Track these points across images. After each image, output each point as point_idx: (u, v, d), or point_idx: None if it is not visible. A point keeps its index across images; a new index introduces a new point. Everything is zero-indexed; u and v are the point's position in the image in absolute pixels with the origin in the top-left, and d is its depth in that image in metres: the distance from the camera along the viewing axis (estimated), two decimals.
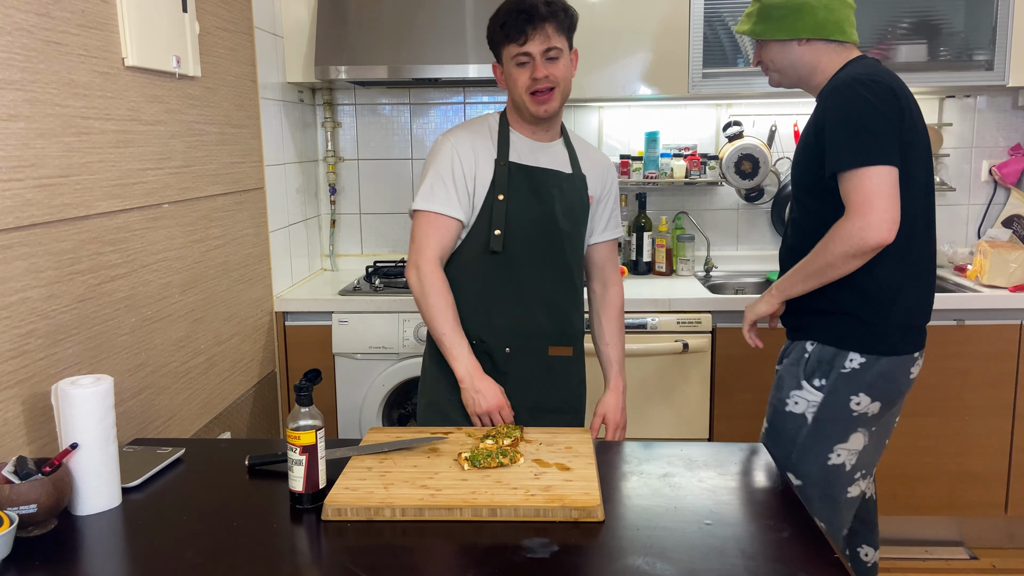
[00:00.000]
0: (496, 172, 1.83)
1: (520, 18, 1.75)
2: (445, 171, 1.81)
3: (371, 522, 1.31)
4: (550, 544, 1.23)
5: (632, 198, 3.30)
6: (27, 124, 1.51)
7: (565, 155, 1.92)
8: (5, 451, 1.45)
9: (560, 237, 1.86)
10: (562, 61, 1.80)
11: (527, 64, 1.78)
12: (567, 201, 1.88)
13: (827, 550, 1.22)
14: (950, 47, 2.84)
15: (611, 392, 1.99)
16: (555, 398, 1.94)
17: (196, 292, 2.18)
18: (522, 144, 1.87)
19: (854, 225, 1.70)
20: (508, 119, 1.90)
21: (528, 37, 1.75)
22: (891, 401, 1.89)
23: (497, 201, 1.81)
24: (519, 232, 1.83)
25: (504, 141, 1.86)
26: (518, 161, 1.85)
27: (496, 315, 1.85)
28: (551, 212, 1.85)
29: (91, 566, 1.24)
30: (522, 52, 1.77)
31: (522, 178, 1.84)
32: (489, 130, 1.88)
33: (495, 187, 1.82)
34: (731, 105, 3.24)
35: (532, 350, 1.88)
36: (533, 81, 1.77)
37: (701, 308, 2.73)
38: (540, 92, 1.79)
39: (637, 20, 2.87)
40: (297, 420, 1.35)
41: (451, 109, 3.33)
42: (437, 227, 1.81)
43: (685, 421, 2.77)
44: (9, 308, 1.46)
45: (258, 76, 2.64)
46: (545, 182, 1.85)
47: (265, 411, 2.69)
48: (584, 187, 1.92)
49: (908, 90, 1.83)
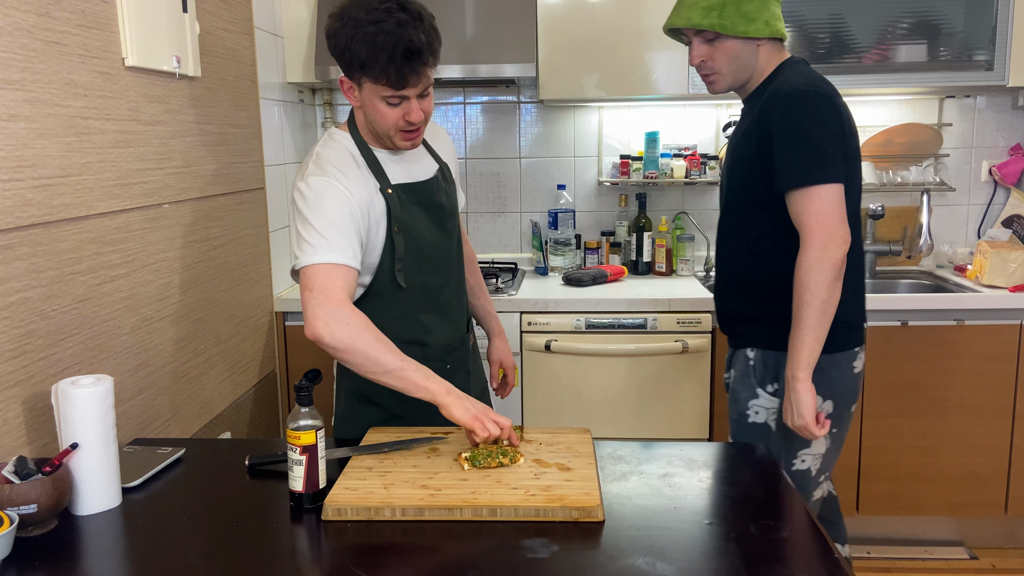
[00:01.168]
0: (388, 202, 1.64)
1: (403, 64, 1.50)
2: (339, 216, 1.55)
3: (371, 522, 1.31)
4: (550, 544, 1.23)
5: (632, 198, 3.30)
6: (27, 124, 1.51)
7: (424, 151, 1.79)
8: (5, 451, 1.45)
9: (453, 236, 1.80)
10: (431, 92, 1.61)
11: (399, 104, 1.57)
12: (449, 200, 1.79)
13: (827, 550, 1.22)
14: (950, 47, 2.84)
15: (498, 337, 2.03)
16: (480, 381, 1.95)
17: (196, 292, 2.18)
18: (391, 161, 1.69)
19: (817, 249, 1.69)
20: (363, 137, 1.68)
21: (408, 84, 1.53)
22: (844, 399, 1.88)
23: (395, 234, 1.64)
24: (421, 255, 1.71)
25: (375, 164, 1.66)
26: (400, 182, 1.68)
27: (427, 341, 1.75)
28: (441, 220, 1.76)
29: (91, 566, 1.24)
30: (397, 95, 1.55)
31: (411, 199, 1.69)
32: (354, 158, 1.65)
33: (391, 219, 1.64)
34: (731, 105, 3.24)
35: (463, 355, 1.86)
36: (407, 123, 1.59)
37: (701, 308, 2.73)
38: (411, 131, 1.62)
39: (637, 20, 2.87)
40: (297, 420, 1.35)
41: (451, 109, 3.33)
42: (339, 276, 1.53)
43: (685, 421, 2.77)
44: (9, 308, 1.46)
45: (258, 76, 2.64)
46: (430, 192, 1.73)
47: (265, 411, 2.69)
48: (450, 175, 1.84)
49: (841, 97, 1.80)
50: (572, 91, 2.94)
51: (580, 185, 3.35)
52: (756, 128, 1.80)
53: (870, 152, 3.21)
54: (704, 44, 1.85)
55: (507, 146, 3.34)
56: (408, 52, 1.49)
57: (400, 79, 1.52)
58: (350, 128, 1.70)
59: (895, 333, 2.72)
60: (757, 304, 1.89)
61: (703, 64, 1.87)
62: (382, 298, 1.69)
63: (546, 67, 2.91)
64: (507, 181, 3.36)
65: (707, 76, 1.89)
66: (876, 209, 3.15)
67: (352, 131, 1.69)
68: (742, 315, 1.94)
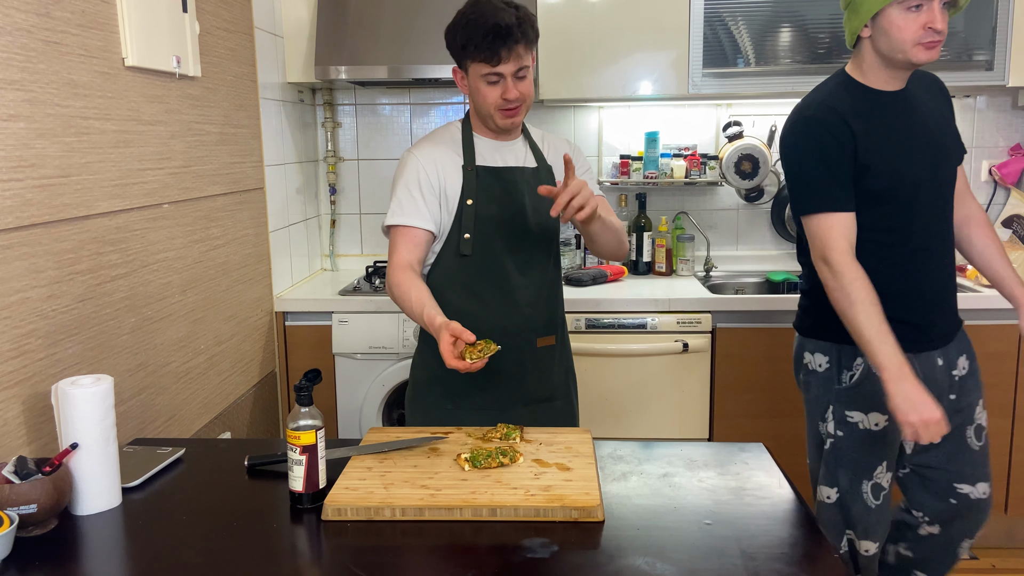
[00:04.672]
0: (465, 178, 1.83)
1: (494, 40, 1.71)
2: (412, 184, 1.82)
3: (371, 522, 1.31)
4: (550, 544, 1.23)
5: (632, 198, 3.30)
6: (27, 124, 1.51)
7: (528, 150, 1.93)
8: (5, 451, 1.45)
9: (532, 231, 1.88)
10: (529, 77, 1.79)
11: (498, 83, 1.77)
12: (537, 195, 1.85)
13: (827, 550, 1.22)
14: (950, 47, 2.84)
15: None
16: (546, 388, 1.96)
17: (196, 292, 2.18)
18: (486, 147, 1.88)
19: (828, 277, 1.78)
20: (471, 123, 1.90)
21: (502, 59, 1.73)
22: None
23: (466, 206, 1.82)
24: (490, 232, 1.84)
25: (469, 147, 1.86)
26: (484, 164, 1.86)
27: (482, 315, 1.85)
28: (521, 209, 1.86)
29: (91, 566, 1.24)
30: (494, 72, 1.75)
31: (490, 180, 1.85)
32: (452, 139, 1.88)
33: (464, 192, 1.83)
34: (731, 105, 3.24)
35: (520, 345, 1.89)
36: (505, 101, 1.77)
37: (701, 308, 2.73)
38: (509, 108, 1.79)
39: (637, 20, 2.87)
40: (297, 420, 1.35)
41: (451, 109, 3.33)
42: (407, 239, 1.81)
43: (685, 421, 2.77)
44: (9, 308, 1.46)
45: (258, 76, 2.64)
46: (513, 180, 1.87)
47: (265, 411, 2.69)
48: (552, 178, 1.92)
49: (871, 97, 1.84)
50: (572, 91, 2.94)
51: None
52: (947, 104, 1.95)
53: None
54: (944, 10, 1.76)
55: None
56: (498, 28, 1.70)
57: (493, 54, 1.71)
58: (464, 118, 1.92)
59: None
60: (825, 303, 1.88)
61: (940, 31, 1.74)
62: (447, 264, 1.86)
63: (546, 67, 2.91)
64: None
65: (935, 44, 1.76)
66: None
67: (464, 120, 1.92)
68: (821, 308, 1.89)
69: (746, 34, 2.86)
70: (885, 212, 1.82)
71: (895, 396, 1.67)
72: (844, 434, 1.90)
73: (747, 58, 2.88)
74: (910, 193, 1.82)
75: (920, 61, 1.75)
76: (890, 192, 1.81)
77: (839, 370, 1.90)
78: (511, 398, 1.89)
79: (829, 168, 1.78)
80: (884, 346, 1.68)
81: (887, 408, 1.70)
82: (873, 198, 1.80)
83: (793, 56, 2.87)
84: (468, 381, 1.81)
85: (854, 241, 1.79)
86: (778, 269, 3.25)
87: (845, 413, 1.89)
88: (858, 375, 1.87)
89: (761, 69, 2.88)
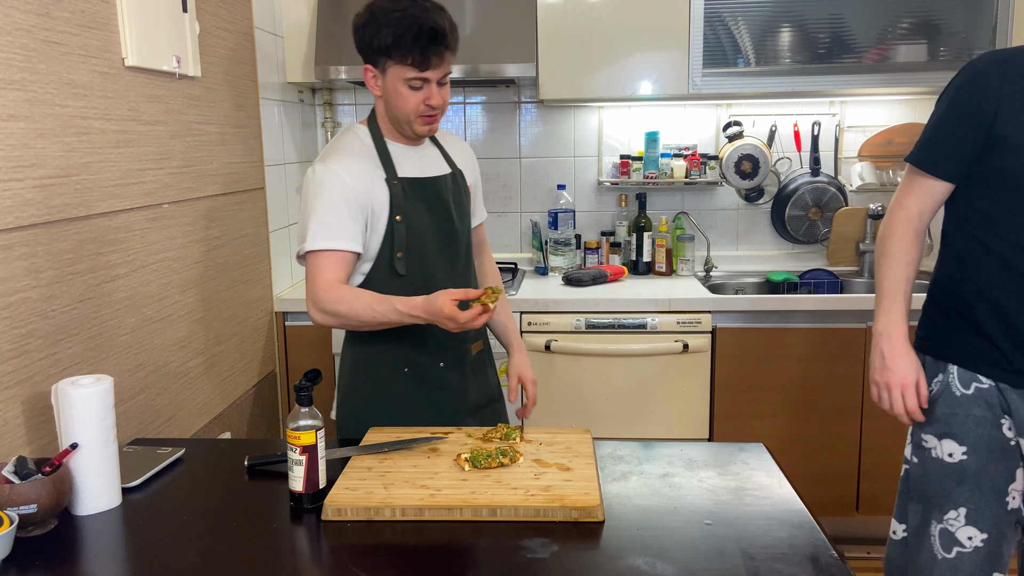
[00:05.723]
0: (391, 192, 1.70)
1: (428, 45, 1.61)
2: (337, 203, 1.65)
3: (371, 522, 1.31)
4: (550, 544, 1.23)
5: (632, 198, 3.30)
6: (27, 124, 1.51)
7: (439, 154, 1.85)
8: (5, 451, 1.45)
9: (459, 239, 1.82)
10: (448, 84, 1.71)
11: (421, 88, 1.66)
12: (457, 202, 1.83)
13: (827, 550, 1.22)
14: (950, 47, 2.84)
15: (518, 352, 1.96)
16: (486, 392, 1.93)
17: (196, 292, 2.18)
18: (402, 155, 1.76)
19: None
20: (380, 128, 1.76)
21: (431, 65, 1.63)
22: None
23: (396, 223, 1.70)
24: (422, 248, 1.75)
25: (386, 157, 1.74)
26: (407, 175, 1.74)
27: (421, 332, 1.76)
28: (448, 219, 1.79)
29: (91, 566, 1.24)
30: (420, 77, 1.64)
31: (416, 193, 1.74)
32: (365, 148, 1.74)
33: (393, 208, 1.70)
34: (731, 105, 3.24)
35: (459, 357, 1.85)
36: (427, 107, 1.67)
37: (701, 308, 2.73)
38: (430, 115, 1.70)
39: (637, 20, 2.87)
40: (297, 420, 1.35)
41: (451, 109, 3.33)
42: (333, 261, 1.65)
43: (685, 421, 2.77)
44: (9, 308, 1.46)
45: (258, 76, 2.64)
46: (437, 191, 1.78)
47: (265, 411, 2.69)
48: (464, 182, 1.87)
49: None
50: (572, 91, 2.94)
51: (580, 185, 3.35)
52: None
53: (870, 152, 3.21)
54: None
55: (507, 146, 3.34)
56: (433, 33, 1.61)
57: (424, 59, 1.62)
58: (369, 123, 1.78)
59: None
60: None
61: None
62: (380, 286, 1.71)
63: (546, 67, 2.91)
64: (507, 181, 3.36)
65: None
66: (876, 209, 3.15)
67: (371, 125, 1.77)
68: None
69: (746, 34, 2.86)
70: None
71: (873, 353, 1.62)
72: (918, 461, 1.69)
73: (747, 58, 2.88)
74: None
75: None
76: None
77: None
78: (457, 412, 1.83)
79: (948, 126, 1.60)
80: (893, 305, 1.61)
81: (964, 439, 1.58)
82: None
83: (793, 56, 2.87)
84: (413, 402, 1.77)
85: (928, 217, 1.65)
86: (778, 269, 3.25)
87: (921, 436, 1.69)
88: (935, 392, 1.67)
89: (761, 69, 2.88)
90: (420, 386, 1.80)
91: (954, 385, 1.63)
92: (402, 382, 1.79)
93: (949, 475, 1.63)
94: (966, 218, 1.62)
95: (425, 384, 1.80)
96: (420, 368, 1.79)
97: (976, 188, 1.59)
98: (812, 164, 3.23)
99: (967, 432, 1.60)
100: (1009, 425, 1.60)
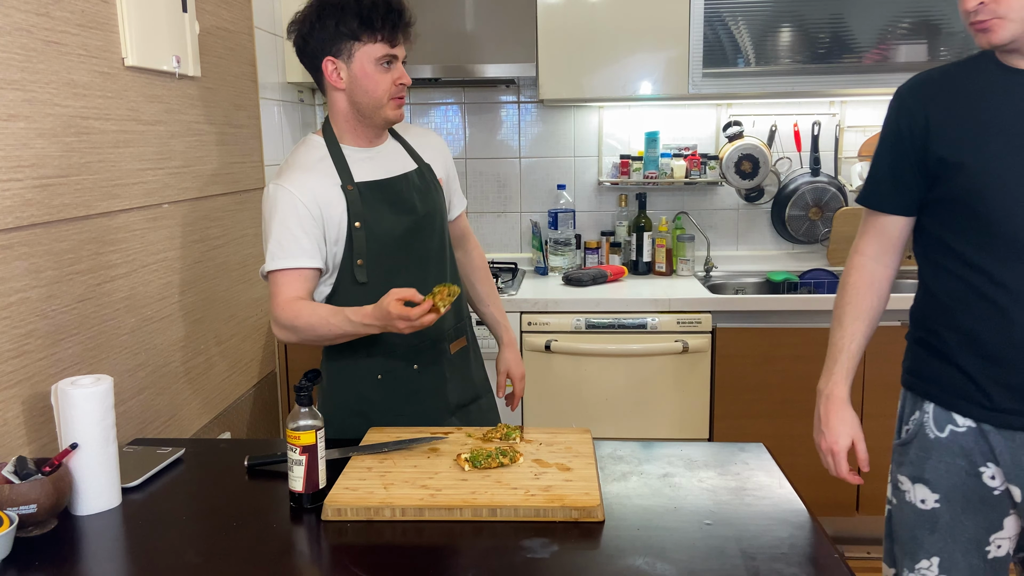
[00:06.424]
0: (348, 199, 1.65)
1: (396, 20, 1.62)
2: (290, 222, 1.61)
3: (371, 522, 1.31)
4: (550, 544, 1.23)
5: (632, 198, 3.30)
6: (27, 124, 1.51)
7: (402, 150, 1.80)
8: (5, 451, 1.45)
9: (430, 237, 1.77)
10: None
11: (392, 66, 1.65)
12: (425, 197, 1.78)
13: (827, 550, 1.22)
14: (950, 47, 2.84)
15: (507, 348, 1.98)
16: (469, 390, 1.90)
17: (196, 292, 2.18)
18: (360, 158, 1.71)
19: None
20: (335, 134, 1.71)
21: (399, 40, 1.64)
22: None
23: (355, 230, 1.66)
24: (385, 252, 1.70)
25: (341, 163, 1.68)
26: (365, 179, 1.69)
27: (392, 338, 1.72)
28: (414, 219, 1.73)
29: (91, 566, 1.24)
30: (390, 54, 1.63)
31: (375, 196, 1.69)
32: (320, 159, 1.68)
33: (351, 215, 1.66)
34: (731, 105, 3.24)
35: (435, 358, 1.81)
36: (399, 87, 1.65)
37: (701, 308, 2.73)
38: (401, 96, 1.68)
39: (637, 20, 2.87)
40: (297, 420, 1.35)
41: (451, 109, 3.33)
42: (292, 278, 1.63)
43: (685, 421, 2.77)
44: (9, 308, 1.46)
45: (258, 76, 2.64)
46: (399, 190, 1.72)
47: (265, 411, 2.69)
48: (433, 175, 1.82)
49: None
50: (572, 91, 2.94)
51: (580, 185, 3.35)
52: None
53: (870, 152, 3.21)
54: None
55: (507, 146, 3.34)
56: (398, 9, 1.64)
57: (394, 35, 1.63)
58: (324, 130, 1.73)
59: (895, 333, 2.71)
60: None
61: (982, 7, 1.37)
62: (345, 295, 1.69)
63: (546, 67, 2.91)
64: (507, 181, 3.36)
65: (983, 23, 1.38)
66: None
67: (326, 132, 1.72)
68: None
69: (746, 34, 2.86)
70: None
71: (815, 411, 1.60)
72: (897, 503, 1.60)
73: (747, 58, 2.88)
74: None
75: None
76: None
77: (900, 420, 1.63)
78: (437, 412, 1.80)
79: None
80: (835, 365, 1.57)
81: (937, 487, 1.51)
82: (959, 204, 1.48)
83: (793, 56, 2.87)
84: (389, 408, 1.74)
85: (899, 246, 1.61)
86: (778, 269, 3.25)
87: (898, 476, 1.60)
88: (911, 431, 1.58)
89: (761, 69, 2.88)
90: (394, 393, 1.76)
91: (928, 427, 1.54)
92: (376, 390, 1.75)
93: (922, 523, 1.54)
94: (929, 245, 1.58)
95: (400, 388, 1.77)
96: (393, 373, 1.76)
97: (933, 215, 1.53)
98: (812, 164, 3.23)
99: (939, 479, 1.51)
100: (992, 474, 1.47)
